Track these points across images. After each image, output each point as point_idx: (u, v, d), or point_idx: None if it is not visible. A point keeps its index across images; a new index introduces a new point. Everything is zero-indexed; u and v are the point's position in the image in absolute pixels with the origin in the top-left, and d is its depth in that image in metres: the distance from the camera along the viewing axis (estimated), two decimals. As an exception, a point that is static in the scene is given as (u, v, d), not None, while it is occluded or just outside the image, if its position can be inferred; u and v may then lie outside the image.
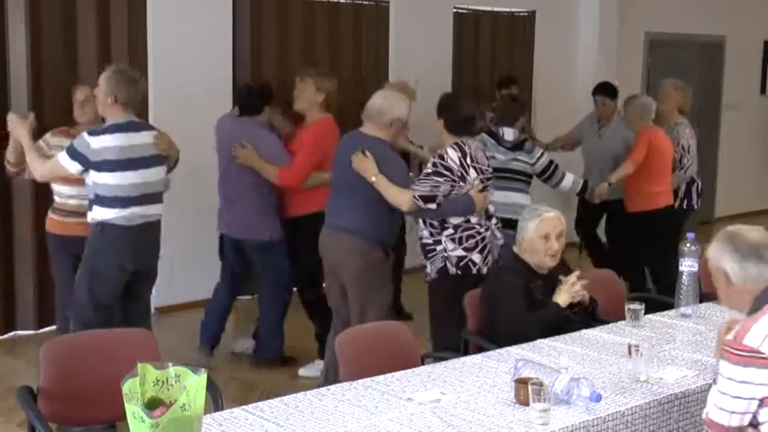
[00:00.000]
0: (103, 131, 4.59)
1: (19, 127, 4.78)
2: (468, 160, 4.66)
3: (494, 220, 4.83)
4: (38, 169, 4.74)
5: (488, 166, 4.83)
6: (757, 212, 11.34)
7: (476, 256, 4.68)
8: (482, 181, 4.70)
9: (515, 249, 4.13)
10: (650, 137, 6.42)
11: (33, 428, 3.10)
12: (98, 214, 4.62)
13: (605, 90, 7.18)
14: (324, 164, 5.27)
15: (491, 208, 4.83)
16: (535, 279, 4.04)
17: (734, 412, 2.68)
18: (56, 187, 5.06)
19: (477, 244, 4.68)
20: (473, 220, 4.70)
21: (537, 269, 4.06)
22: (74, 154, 4.55)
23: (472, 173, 4.66)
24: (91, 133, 4.57)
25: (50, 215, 5.16)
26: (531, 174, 5.78)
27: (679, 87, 6.86)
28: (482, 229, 4.72)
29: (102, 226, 4.62)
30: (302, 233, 5.49)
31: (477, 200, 4.67)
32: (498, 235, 4.81)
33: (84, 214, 4.76)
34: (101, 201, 4.60)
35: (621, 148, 6.81)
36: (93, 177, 4.58)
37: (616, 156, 6.75)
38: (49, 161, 4.71)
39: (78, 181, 4.74)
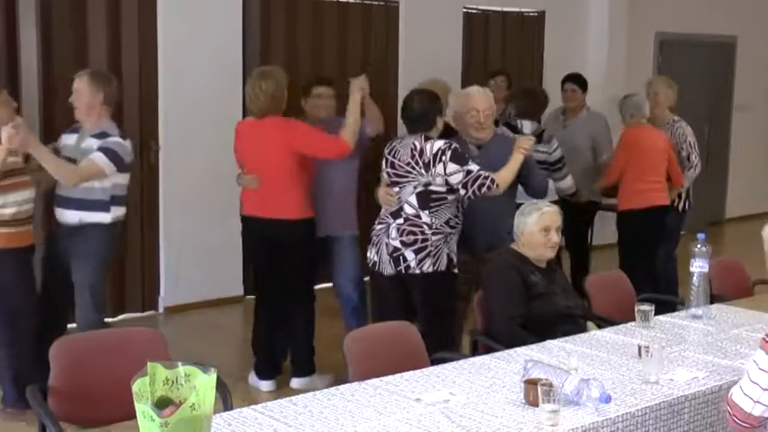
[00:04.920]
0: (125, 135, 4.84)
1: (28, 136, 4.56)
2: (386, 150, 4.69)
3: (398, 220, 4.58)
4: (69, 174, 4.64)
5: (409, 164, 4.52)
6: (768, 213, 11.32)
7: (369, 250, 4.73)
8: (389, 175, 4.64)
9: (513, 246, 4.18)
10: (630, 139, 6.38)
11: (44, 427, 3.11)
12: (116, 213, 4.81)
13: (577, 79, 7.09)
14: None
15: (407, 209, 4.54)
16: (535, 271, 4.09)
17: (759, 402, 2.64)
18: (12, 196, 4.60)
19: (371, 238, 4.73)
20: (381, 212, 4.73)
21: (536, 262, 4.13)
22: (114, 158, 4.68)
23: (382, 163, 4.69)
24: (122, 136, 4.78)
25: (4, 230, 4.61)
26: (550, 162, 5.85)
27: (670, 85, 6.80)
28: (377, 225, 4.70)
29: (114, 224, 4.81)
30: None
31: (379, 191, 4.72)
32: (393, 234, 4.56)
33: (32, 219, 4.75)
34: (118, 200, 4.81)
35: (586, 143, 6.77)
36: (117, 179, 4.75)
37: (578, 149, 6.68)
38: (84, 166, 4.64)
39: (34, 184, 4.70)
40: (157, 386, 2.27)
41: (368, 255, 4.73)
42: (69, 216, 4.76)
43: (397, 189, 4.60)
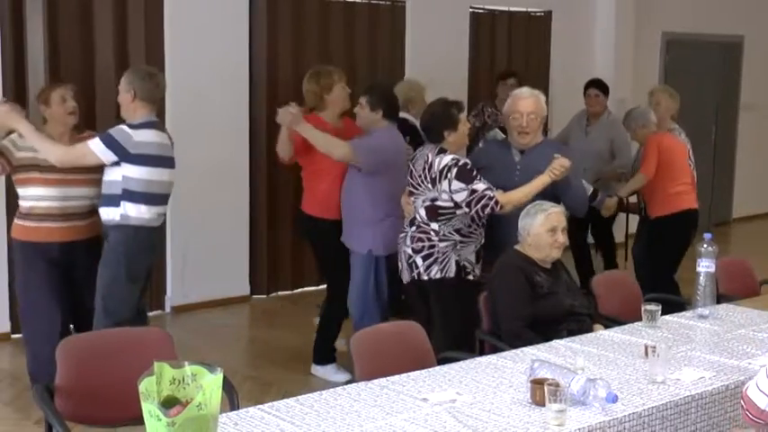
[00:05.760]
0: (141, 126, 4.53)
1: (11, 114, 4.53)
2: (411, 158, 4.78)
3: (412, 228, 4.64)
4: (57, 153, 4.51)
5: (420, 177, 4.55)
6: (775, 213, 11.29)
7: (398, 257, 4.81)
8: (408, 184, 4.70)
9: (518, 247, 4.17)
10: (658, 142, 6.29)
11: (50, 426, 3.12)
12: (130, 211, 4.52)
13: (600, 84, 7.08)
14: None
15: (418, 218, 4.60)
16: (540, 272, 4.10)
17: None
18: (30, 190, 4.65)
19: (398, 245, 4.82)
20: (404, 220, 4.78)
21: (541, 263, 4.13)
22: (111, 144, 4.45)
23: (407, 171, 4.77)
24: (131, 126, 4.52)
25: (20, 222, 4.72)
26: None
27: (672, 94, 6.76)
28: (401, 233, 4.75)
29: (136, 228, 4.54)
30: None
31: (402, 199, 4.81)
32: (407, 242, 4.63)
33: (61, 217, 4.64)
34: (132, 197, 4.51)
35: (606, 147, 6.73)
36: (126, 171, 4.49)
37: (600, 154, 6.64)
38: (77, 147, 4.55)
39: (69, 182, 4.62)
40: (164, 386, 2.28)
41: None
42: (100, 212, 4.64)
43: (413, 199, 4.66)
